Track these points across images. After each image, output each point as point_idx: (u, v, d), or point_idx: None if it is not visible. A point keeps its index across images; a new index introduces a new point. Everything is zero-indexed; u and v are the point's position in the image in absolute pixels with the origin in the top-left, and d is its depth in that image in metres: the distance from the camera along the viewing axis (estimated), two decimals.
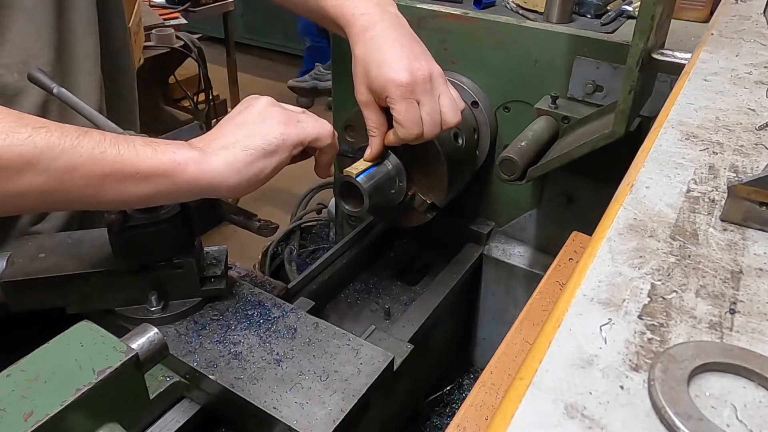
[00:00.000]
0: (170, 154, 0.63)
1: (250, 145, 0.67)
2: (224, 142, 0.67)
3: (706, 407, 0.31)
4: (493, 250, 1.28)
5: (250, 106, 0.71)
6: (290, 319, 0.83)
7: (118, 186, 0.61)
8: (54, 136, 0.56)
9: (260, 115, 0.70)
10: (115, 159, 0.59)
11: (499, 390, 0.72)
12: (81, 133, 0.58)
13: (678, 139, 0.57)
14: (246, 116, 0.70)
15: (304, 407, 0.71)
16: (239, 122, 0.70)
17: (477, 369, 1.43)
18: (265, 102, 0.72)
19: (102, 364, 0.55)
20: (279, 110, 0.71)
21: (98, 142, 0.59)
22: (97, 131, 0.60)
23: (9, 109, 0.57)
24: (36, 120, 0.57)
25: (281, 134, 0.69)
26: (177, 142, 0.65)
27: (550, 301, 0.82)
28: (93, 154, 0.58)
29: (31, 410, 0.51)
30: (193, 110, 2.77)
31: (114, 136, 0.60)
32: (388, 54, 0.78)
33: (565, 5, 1.13)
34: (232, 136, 0.68)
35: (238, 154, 0.66)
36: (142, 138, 0.63)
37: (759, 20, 0.92)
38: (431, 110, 0.80)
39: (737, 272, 0.40)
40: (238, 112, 0.72)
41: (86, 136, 0.58)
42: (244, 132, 0.68)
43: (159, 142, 0.64)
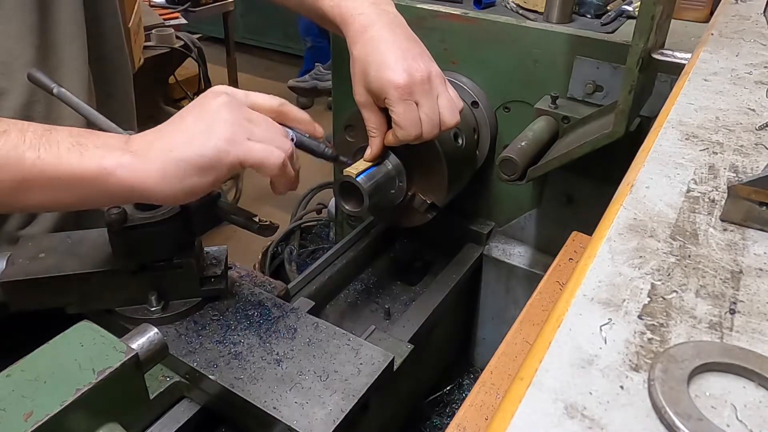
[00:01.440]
0: (98, 159, 0.58)
1: (184, 157, 0.60)
2: (162, 145, 0.61)
3: (706, 407, 0.31)
4: (493, 250, 1.28)
5: (204, 103, 0.64)
6: (290, 319, 0.83)
7: (38, 192, 0.58)
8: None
9: (208, 119, 0.62)
10: (34, 164, 0.56)
11: (499, 390, 0.72)
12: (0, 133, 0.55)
13: (678, 139, 0.57)
14: (195, 115, 0.63)
15: (304, 407, 0.71)
16: (186, 122, 0.63)
17: (477, 369, 1.43)
18: (220, 102, 0.64)
19: (102, 364, 0.55)
20: (231, 117, 0.63)
21: (15, 144, 0.56)
22: (17, 130, 0.56)
23: None
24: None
25: (219, 151, 0.61)
26: (113, 140, 0.61)
27: (550, 301, 0.82)
28: (8, 156, 0.55)
29: (31, 410, 0.51)
30: None
31: (38, 136, 0.57)
32: (387, 55, 0.77)
33: (565, 5, 1.13)
34: (171, 139, 0.61)
35: (170, 166, 0.60)
36: (74, 137, 0.59)
37: (759, 20, 0.92)
38: (430, 111, 0.79)
39: (737, 272, 0.40)
40: (192, 107, 0.65)
41: (3, 137, 0.55)
42: (184, 137, 0.61)
43: (91, 141, 0.59)
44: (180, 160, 0.60)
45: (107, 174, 0.58)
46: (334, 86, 1.41)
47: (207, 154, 0.60)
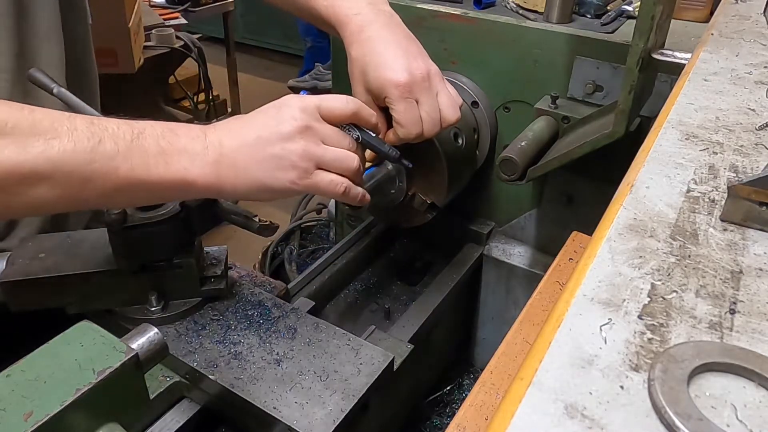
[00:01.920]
0: (183, 170, 0.62)
1: (258, 179, 0.66)
2: (239, 162, 0.66)
3: (706, 407, 0.31)
4: (493, 250, 1.28)
5: (280, 121, 0.67)
6: (290, 319, 0.83)
7: (130, 196, 0.62)
8: (67, 148, 0.55)
9: (281, 147, 0.66)
10: (128, 175, 0.59)
11: (499, 390, 0.72)
12: (94, 143, 0.57)
13: (678, 139, 0.57)
14: (269, 136, 0.67)
15: (304, 407, 0.71)
16: (261, 145, 0.66)
17: (477, 369, 1.43)
18: (294, 126, 0.67)
19: (102, 364, 0.55)
20: (302, 147, 0.67)
21: (111, 156, 0.58)
22: (110, 138, 0.58)
23: (21, 110, 0.55)
24: (48, 125, 0.56)
25: (289, 186, 0.67)
26: (194, 144, 0.63)
27: (550, 301, 0.82)
28: (107, 169, 0.58)
29: (31, 410, 0.51)
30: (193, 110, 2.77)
31: (128, 143, 0.59)
32: (386, 54, 0.78)
33: (565, 5, 1.13)
34: (247, 160, 0.66)
35: (244, 180, 0.66)
36: (159, 142, 0.61)
37: (759, 20, 0.92)
38: (430, 109, 0.79)
39: (737, 272, 0.40)
40: (267, 120, 0.68)
41: (100, 147, 0.57)
42: (257, 158, 0.66)
43: (174, 147, 0.62)
44: (255, 180, 0.66)
45: (189, 184, 0.63)
46: (333, 86, 1.41)
47: (277, 187, 0.67)
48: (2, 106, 0.54)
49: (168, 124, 0.64)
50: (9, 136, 0.53)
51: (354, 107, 0.73)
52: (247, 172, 0.66)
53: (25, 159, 0.53)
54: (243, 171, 0.65)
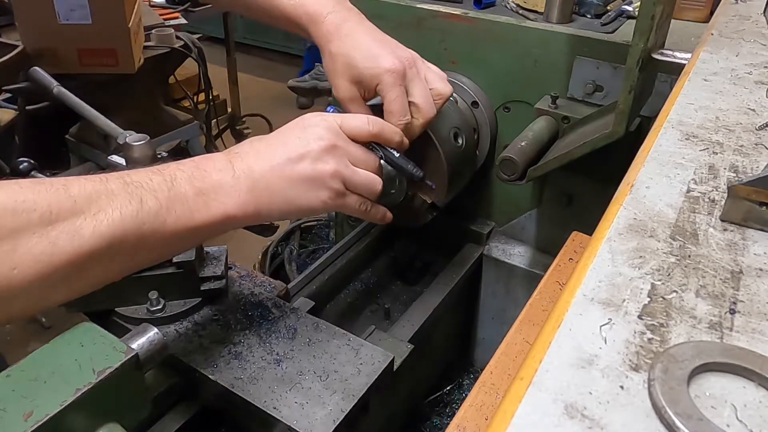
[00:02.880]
0: (222, 207, 0.62)
1: (291, 199, 0.67)
2: (272, 183, 0.66)
3: (706, 407, 0.31)
4: (493, 250, 1.28)
5: (307, 142, 0.68)
6: (290, 319, 0.83)
7: (178, 247, 0.64)
8: (115, 218, 0.54)
9: (310, 168, 0.67)
10: (174, 226, 0.58)
11: (499, 390, 0.72)
12: (137, 205, 0.56)
13: (678, 139, 0.57)
14: (298, 160, 0.67)
15: (304, 407, 0.71)
16: (290, 165, 0.67)
17: (477, 369, 1.43)
18: (322, 146, 0.68)
19: (102, 364, 0.55)
20: (333, 168, 0.68)
21: (156, 212, 0.57)
22: (148, 194, 0.57)
23: (56, 189, 0.52)
24: (87, 197, 0.53)
25: (321, 203, 0.69)
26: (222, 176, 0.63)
27: (550, 301, 0.82)
28: (155, 226, 0.57)
29: (31, 410, 0.51)
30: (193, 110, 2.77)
31: (166, 196, 0.58)
32: (371, 45, 0.79)
33: (565, 5, 1.13)
34: (281, 179, 0.66)
35: (279, 203, 0.67)
36: (193, 184, 0.61)
37: (759, 20, 0.92)
38: (423, 90, 0.80)
39: (737, 272, 0.40)
40: (294, 141, 0.68)
41: (144, 208, 0.56)
42: (290, 180, 0.67)
43: (208, 184, 0.62)
44: (289, 201, 0.67)
45: (231, 218, 0.63)
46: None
47: (310, 206, 0.68)
48: (36, 188, 0.52)
49: (192, 161, 0.63)
50: (57, 224, 0.51)
51: (377, 129, 0.74)
52: (281, 194, 0.66)
53: (80, 244, 0.52)
54: (277, 193, 0.66)
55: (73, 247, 0.51)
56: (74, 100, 0.76)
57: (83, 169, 2.11)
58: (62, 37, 1.82)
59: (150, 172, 0.59)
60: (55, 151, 2.27)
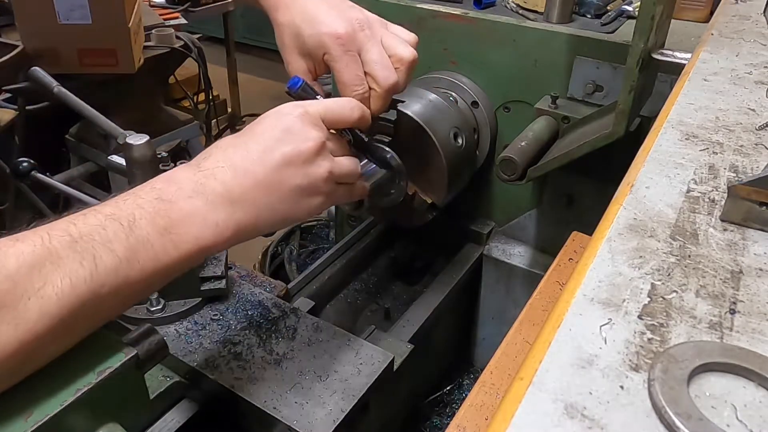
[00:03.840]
0: (194, 241, 0.54)
1: (281, 213, 0.60)
2: (257, 200, 0.58)
3: (706, 407, 0.31)
4: (493, 250, 1.28)
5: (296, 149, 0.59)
6: (290, 319, 0.83)
7: (148, 291, 0.56)
8: (64, 290, 0.46)
9: (301, 176, 0.59)
10: (139, 276, 0.51)
11: (499, 390, 0.72)
12: (90, 264, 0.48)
13: (678, 139, 0.57)
14: (287, 168, 0.59)
15: (304, 407, 0.71)
16: (278, 177, 0.58)
17: (477, 369, 1.43)
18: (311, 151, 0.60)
19: (102, 364, 0.55)
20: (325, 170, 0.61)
21: (114, 269, 0.49)
22: (103, 248, 0.49)
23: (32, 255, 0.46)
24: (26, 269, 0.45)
25: (315, 209, 0.62)
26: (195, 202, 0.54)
27: (550, 301, 0.82)
28: (115, 286, 0.50)
29: (31, 410, 0.51)
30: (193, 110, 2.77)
31: (125, 246, 0.50)
32: (319, 11, 0.71)
33: (565, 5, 1.13)
34: (268, 195, 0.58)
35: (266, 219, 0.59)
36: (153, 221, 0.52)
37: (759, 20, 0.92)
38: (378, 56, 0.71)
39: (737, 272, 0.40)
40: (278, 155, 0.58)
41: (99, 267, 0.48)
42: (279, 194, 0.59)
43: (174, 219, 0.53)
44: (279, 216, 0.60)
45: (206, 249, 0.56)
46: (334, 87, 1.41)
47: (303, 216, 0.62)
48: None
49: (153, 189, 0.54)
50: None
51: (360, 113, 0.67)
52: (268, 209, 0.59)
53: (26, 330, 0.45)
54: (264, 209, 0.58)
55: (18, 335, 0.44)
56: (74, 100, 0.76)
57: (83, 168, 2.11)
58: (62, 37, 1.82)
59: (103, 217, 0.50)
60: (55, 151, 2.27)
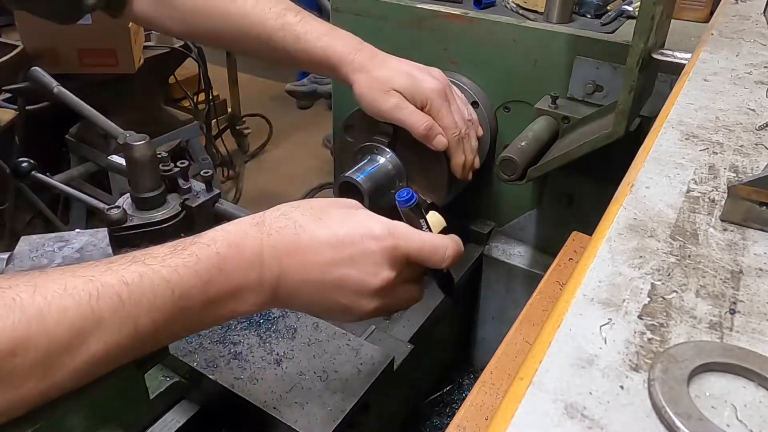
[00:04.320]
0: (231, 313, 0.54)
1: (313, 311, 0.61)
2: (299, 296, 0.57)
3: (706, 407, 0.31)
4: (493, 250, 1.28)
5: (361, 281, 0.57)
6: (290, 319, 0.83)
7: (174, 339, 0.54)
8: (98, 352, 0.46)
9: (350, 300, 0.57)
10: (169, 337, 0.52)
11: (499, 390, 0.72)
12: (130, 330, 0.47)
13: (678, 139, 0.57)
14: (341, 290, 0.57)
15: (304, 407, 0.71)
16: (329, 291, 0.57)
17: (477, 369, 1.43)
18: (374, 290, 0.57)
19: None
20: (375, 307, 0.59)
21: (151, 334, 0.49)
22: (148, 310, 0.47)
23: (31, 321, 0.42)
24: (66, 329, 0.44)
25: (336, 321, 0.65)
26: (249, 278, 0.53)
27: (550, 301, 0.82)
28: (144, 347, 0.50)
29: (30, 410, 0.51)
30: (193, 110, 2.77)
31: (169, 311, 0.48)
32: (410, 69, 0.89)
33: (565, 5, 1.13)
34: (311, 296, 0.57)
35: (297, 307, 0.59)
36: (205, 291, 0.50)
37: (759, 20, 0.92)
38: (464, 107, 0.95)
39: (737, 272, 0.40)
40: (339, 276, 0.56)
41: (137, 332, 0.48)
42: (321, 301, 0.58)
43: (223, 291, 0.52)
44: (308, 311, 0.61)
45: (237, 316, 0.56)
46: (334, 88, 1.41)
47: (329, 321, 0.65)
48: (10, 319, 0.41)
49: (217, 254, 0.52)
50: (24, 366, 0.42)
51: (451, 260, 0.65)
52: (303, 304, 0.58)
53: (52, 383, 0.45)
54: (300, 302, 0.58)
55: (42, 386, 0.44)
56: (74, 100, 0.76)
57: (83, 168, 2.11)
58: (62, 37, 1.82)
59: (158, 281, 0.48)
60: (55, 151, 2.27)
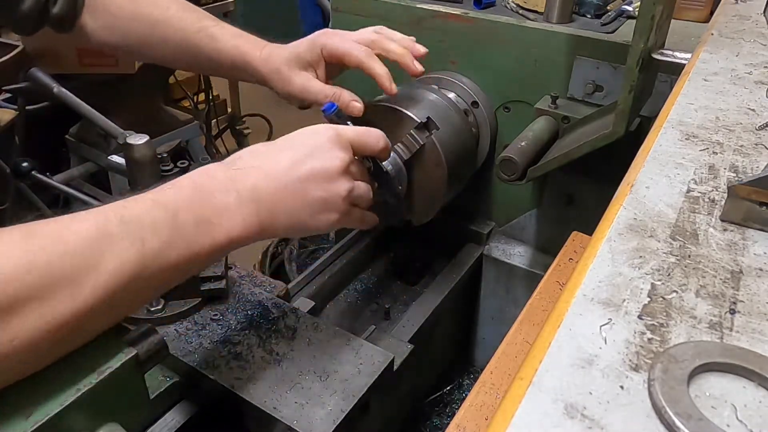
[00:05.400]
0: (226, 233, 0.58)
1: (299, 219, 0.65)
2: (280, 204, 0.62)
3: (706, 407, 0.31)
4: (493, 250, 1.28)
5: (323, 164, 0.64)
6: (290, 319, 0.83)
7: (182, 276, 0.59)
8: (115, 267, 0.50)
9: (322, 190, 0.64)
10: (177, 260, 0.55)
11: (499, 390, 0.72)
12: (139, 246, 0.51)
13: (678, 139, 0.57)
14: (311, 181, 0.63)
15: (304, 407, 0.71)
16: (302, 186, 0.63)
17: (477, 369, 1.43)
18: (336, 169, 0.64)
19: (102, 364, 0.55)
20: (346, 189, 0.65)
21: (158, 252, 0.53)
22: (150, 231, 0.53)
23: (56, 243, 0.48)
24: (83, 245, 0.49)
25: (330, 224, 0.67)
26: (227, 198, 0.59)
27: (550, 301, 0.82)
28: (156, 268, 0.53)
29: (31, 410, 0.51)
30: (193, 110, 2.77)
31: (169, 233, 0.54)
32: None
33: (565, 5, 1.13)
34: (290, 200, 0.63)
35: (284, 222, 0.64)
36: (191, 210, 0.56)
37: (759, 20, 0.92)
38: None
39: (737, 272, 0.40)
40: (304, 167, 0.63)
41: (146, 249, 0.52)
42: (300, 201, 0.63)
43: (210, 210, 0.57)
44: (296, 221, 0.64)
45: (234, 241, 0.60)
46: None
47: (317, 227, 0.67)
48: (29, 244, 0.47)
49: (192, 182, 0.59)
50: (55, 286, 0.47)
51: (384, 144, 0.71)
52: (288, 215, 0.63)
53: (80, 303, 0.48)
54: (284, 214, 0.63)
55: (72, 307, 0.48)
56: (74, 100, 0.76)
57: (83, 168, 2.11)
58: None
59: (150, 203, 0.55)
60: (55, 151, 2.27)
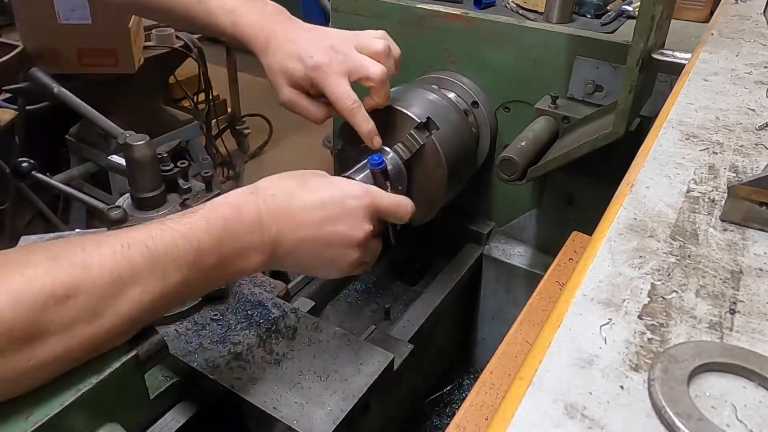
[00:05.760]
0: (239, 271, 0.62)
1: (305, 269, 0.72)
2: (294, 255, 0.66)
3: (706, 407, 0.31)
4: (493, 250, 1.28)
5: (346, 232, 0.67)
6: (290, 319, 0.83)
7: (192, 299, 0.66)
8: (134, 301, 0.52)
9: (334, 252, 0.67)
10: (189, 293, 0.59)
11: (499, 390, 0.71)
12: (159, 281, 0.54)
13: (678, 139, 0.57)
14: (328, 243, 0.66)
15: (304, 407, 0.71)
16: (318, 246, 0.66)
17: (477, 369, 1.43)
18: (356, 240, 0.67)
19: (102, 364, 0.55)
20: (358, 257, 0.69)
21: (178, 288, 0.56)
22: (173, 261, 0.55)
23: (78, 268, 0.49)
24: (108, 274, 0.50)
25: (330, 277, 0.73)
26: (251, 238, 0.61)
27: (550, 301, 0.82)
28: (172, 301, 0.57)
29: (31, 410, 0.51)
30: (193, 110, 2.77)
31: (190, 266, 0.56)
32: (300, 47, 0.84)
33: (565, 5, 1.13)
34: (303, 255, 0.66)
35: (291, 266, 0.69)
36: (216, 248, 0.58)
37: (759, 20, 0.92)
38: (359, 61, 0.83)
39: (737, 272, 0.40)
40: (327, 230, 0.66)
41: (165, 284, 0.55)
42: (312, 258, 0.67)
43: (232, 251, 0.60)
44: (302, 269, 0.75)
45: (245, 274, 0.65)
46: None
47: (319, 276, 0.74)
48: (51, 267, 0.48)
49: (224, 221, 0.60)
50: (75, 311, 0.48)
51: (410, 216, 0.75)
52: (296, 261, 0.67)
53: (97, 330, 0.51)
54: (293, 260, 0.67)
55: (92, 334, 0.50)
56: (74, 100, 0.76)
57: (83, 168, 2.11)
58: (62, 37, 1.82)
59: (178, 236, 0.56)
60: (55, 151, 2.27)
